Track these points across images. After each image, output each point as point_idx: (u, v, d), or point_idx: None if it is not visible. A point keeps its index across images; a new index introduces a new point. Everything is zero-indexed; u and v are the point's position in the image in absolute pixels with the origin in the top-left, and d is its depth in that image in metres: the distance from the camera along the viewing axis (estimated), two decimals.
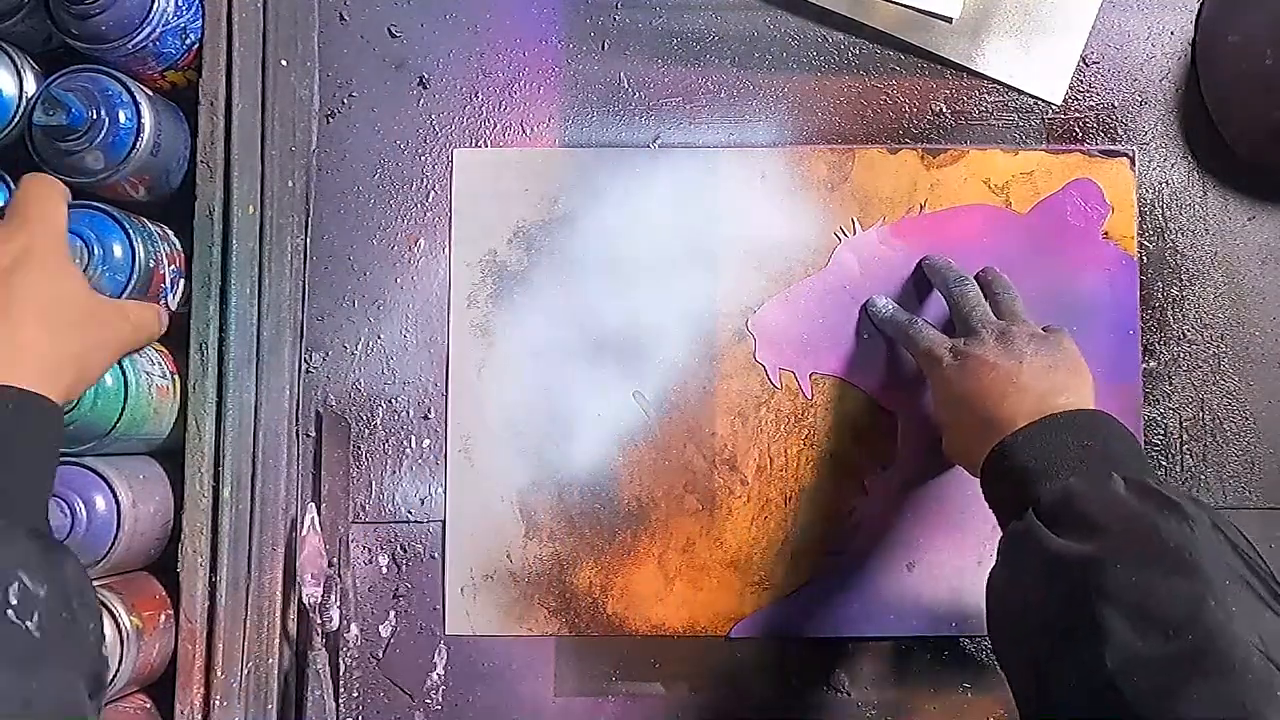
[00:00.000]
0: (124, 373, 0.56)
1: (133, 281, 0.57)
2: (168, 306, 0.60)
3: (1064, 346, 0.61)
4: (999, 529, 0.55)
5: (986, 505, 0.58)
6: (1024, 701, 0.50)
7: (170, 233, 0.62)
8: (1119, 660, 0.44)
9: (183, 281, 0.61)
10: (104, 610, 0.55)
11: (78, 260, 0.55)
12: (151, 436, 0.59)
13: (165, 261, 0.60)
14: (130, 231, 0.57)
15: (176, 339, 0.61)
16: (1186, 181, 0.70)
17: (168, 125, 0.59)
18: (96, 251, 0.55)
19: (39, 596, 0.43)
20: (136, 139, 0.57)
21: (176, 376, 0.61)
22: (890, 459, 0.68)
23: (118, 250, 0.57)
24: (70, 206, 0.56)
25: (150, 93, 0.59)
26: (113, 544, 0.56)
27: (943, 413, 0.63)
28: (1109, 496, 0.50)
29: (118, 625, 0.55)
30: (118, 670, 0.55)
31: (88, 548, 0.55)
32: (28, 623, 0.42)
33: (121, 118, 0.56)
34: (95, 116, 0.55)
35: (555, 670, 0.67)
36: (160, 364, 0.60)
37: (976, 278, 0.67)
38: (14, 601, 0.42)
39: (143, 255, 0.57)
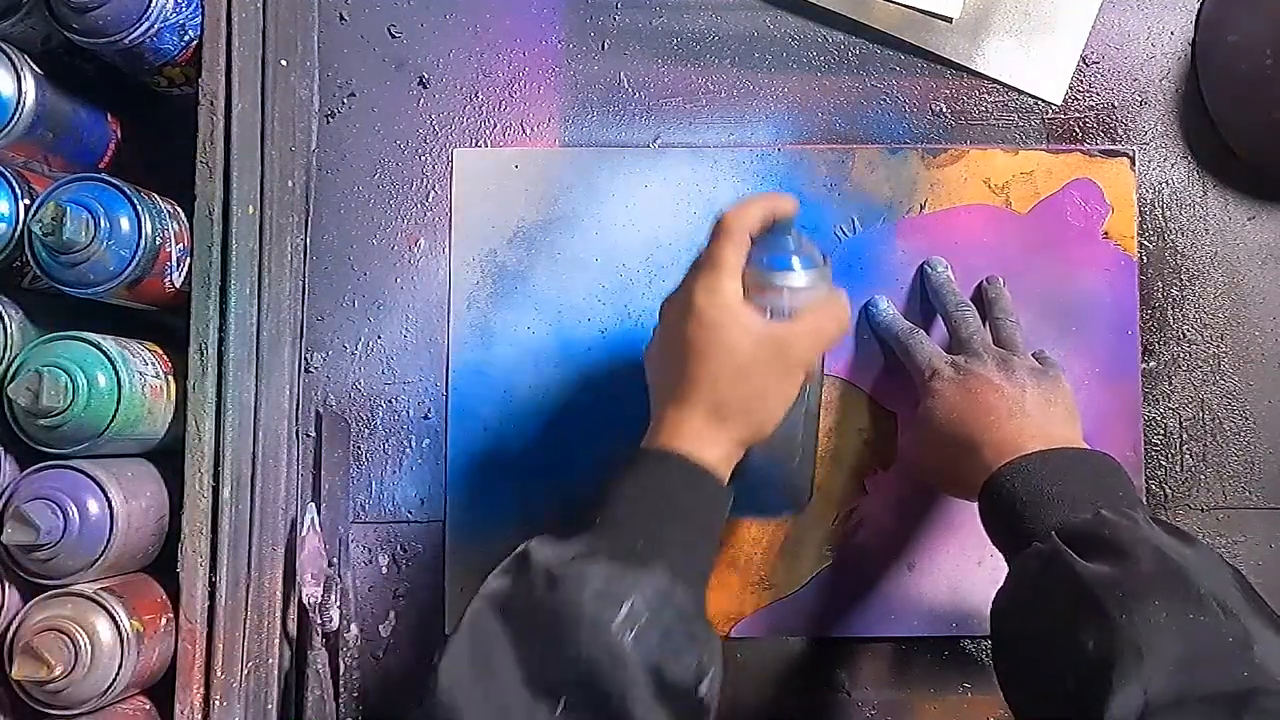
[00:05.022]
0: (116, 373, 0.56)
1: (138, 257, 0.57)
2: (172, 284, 0.60)
3: (1060, 386, 0.61)
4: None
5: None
6: None
7: (180, 211, 0.61)
8: (1167, 697, 0.43)
9: (189, 260, 0.61)
10: (103, 613, 0.55)
11: (84, 233, 0.55)
12: (146, 437, 0.59)
13: (172, 239, 0.59)
14: (138, 207, 0.57)
15: (176, 339, 0.61)
16: (1186, 181, 0.70)
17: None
18: (103, 225, 0.55)
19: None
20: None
21: (171, 376, 0.61)
22: (890, 459, 0.68)
23: (125, 225, 0.57)
24: (77, 179, 0.56)
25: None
26: (107, 545, 0.55)
27: (926, 427, 0.62)
28: (1141, 531, 0.49)
29: (118, 628, 0.55)
30: (118, 673, 0.55)
31: (82, 550, 0.55)
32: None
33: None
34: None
35: None
36: (154, 364, 0.60)
37: (979, 288, 0.67)
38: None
39: (149, 231, 0.57)
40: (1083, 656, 0.46)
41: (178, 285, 0.60)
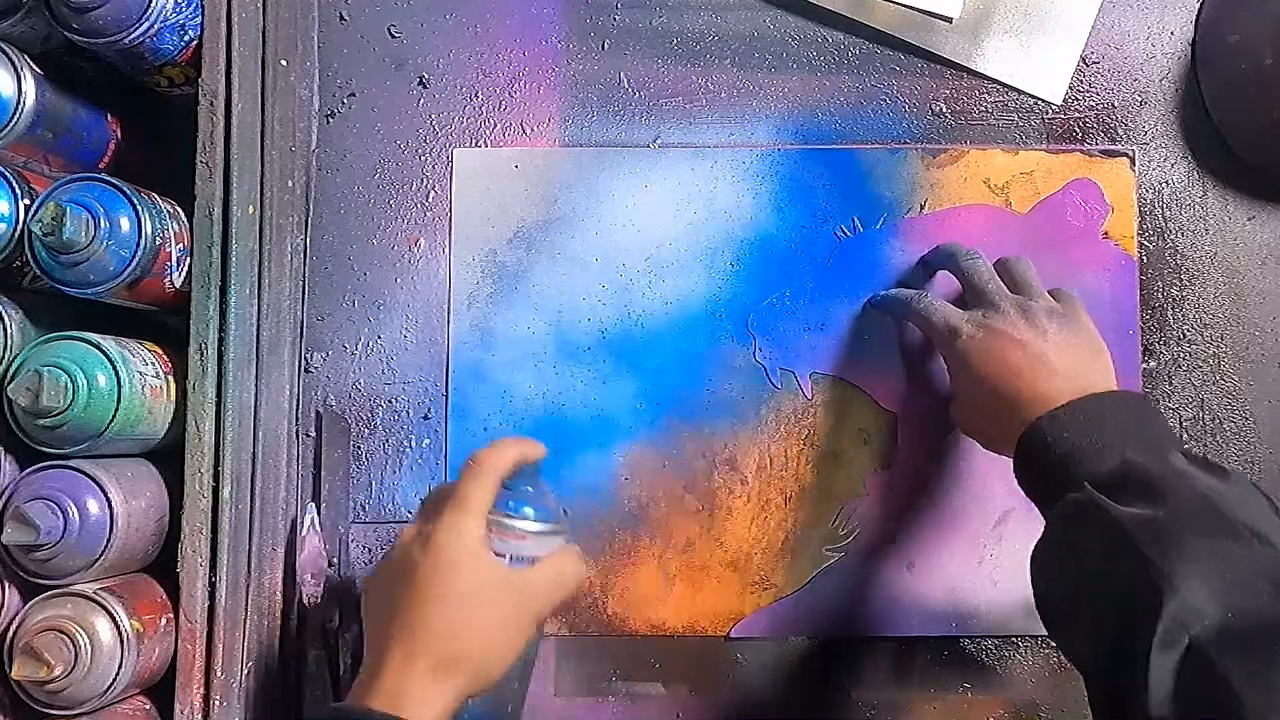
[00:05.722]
0: (116, 373, 0.56)
1: (138, 257, 0.57)
2: (172, 285, 0.60)
3: (1082, 322, 0.61)
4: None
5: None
6: (1092, 673, 0.49)
7: (180, 211, 0.61)
8: (1208, 631, 0.43)
9: (189, 260, 0.61)
10: (104, 613, 0.55)
11: (84, 233, 0.55)
12: (146, 437, 0.59)
13: (172, 240, 0.59)
14: (138, 207, 0.57)
15: (176, 339, 0.61)
16: (1186, 181, 0.70)
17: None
18: (103, 225, 0.55)
19: None
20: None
21: (171, 377, 0.61)
22: (890, 459, 0.68)
23: (125, 225, 0.57)
24: (77, 180, 0.56)
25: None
26: (106, 545, 0.55)
27: (961, 389, 0.63)
28: (1171, 468, 0.50)
29: (118, 628, 0.55)
30: (118, 673, 0.55)
31: (82, 550, 0.55)
32: None
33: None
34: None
35: (555, 670, 0.67)
36: (154, 364, 0.60)
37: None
38: None
39: (149, 231, 0.57)
40: (1125, 598, 0.46)
41: (178, 285, 0.60)
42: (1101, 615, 0.48)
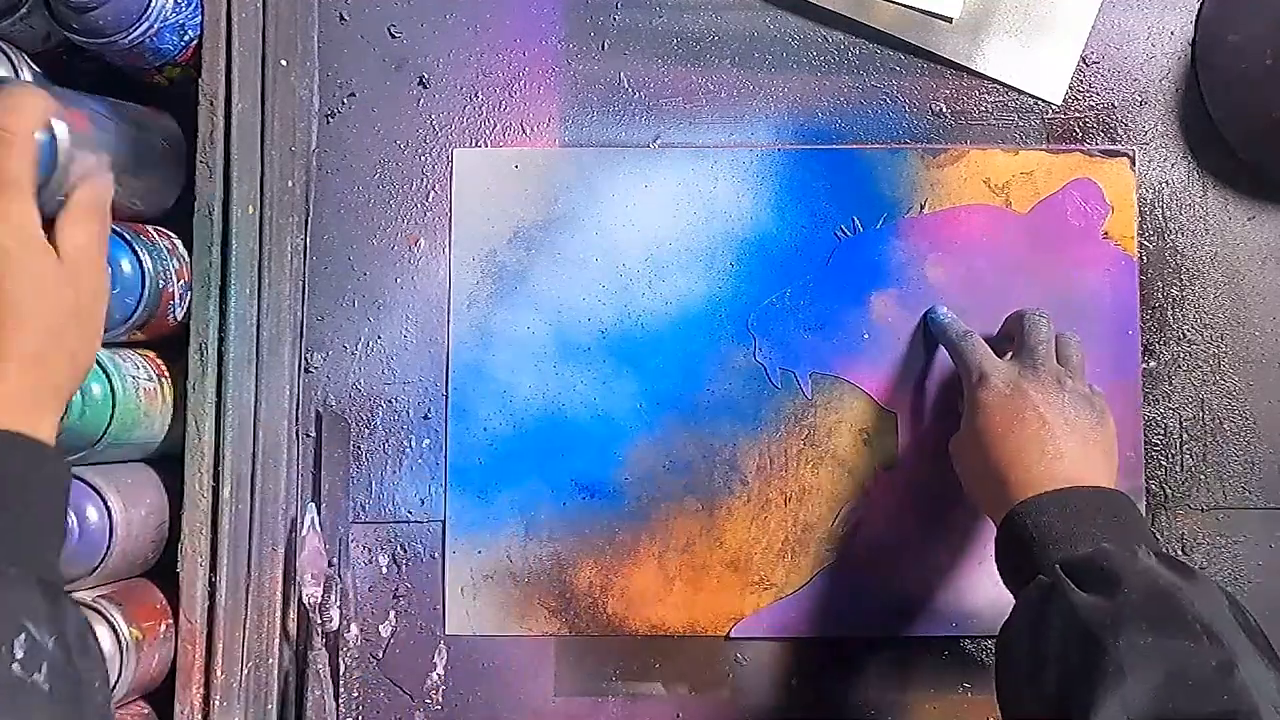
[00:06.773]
0: (109, 379, 0.56)
1: (143, 302, 0.57)
2: (175, 319, 0.60)
3: (1107, 422, 0.61)
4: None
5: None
6: None
7: (179, 244, 0.61)
8: (1146, 716, 0.44)
9: (190, 294, 0.61)
10: (103, 621, 0.55)
11: None
12: (144, 441, 0.59)
13: (174, 278, 0.60)
14: (138, 250, 0.57)
15: (175, 340, 0.61)
16: (1186, 181, 0.70)
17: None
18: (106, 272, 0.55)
19: (46, 648, 0.41)
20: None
21: (164, 379, 0.60)
22: (890, 459, 0.68)
23: (126, 267, 0.57)
24: None
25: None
26: (106, 553, 0.55)
27: (970, 432, 0.61)
28: (1138, 563, 0.51)
29: (117, 636, 0.55)
30: (117, 681, 0.54)
31: (81, 558, 0.55)
32: (35, 676, 0.40)
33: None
34: None
35: (555, 670, 0.67)
36: (145, 367, 0.59)
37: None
38: (20, 655, 0.40)
39: (152, 274, 0.58)
40: (1071, 677, 0.48)
41: (179, 320, 0.61)
42: (1049, 690, 0.49)
